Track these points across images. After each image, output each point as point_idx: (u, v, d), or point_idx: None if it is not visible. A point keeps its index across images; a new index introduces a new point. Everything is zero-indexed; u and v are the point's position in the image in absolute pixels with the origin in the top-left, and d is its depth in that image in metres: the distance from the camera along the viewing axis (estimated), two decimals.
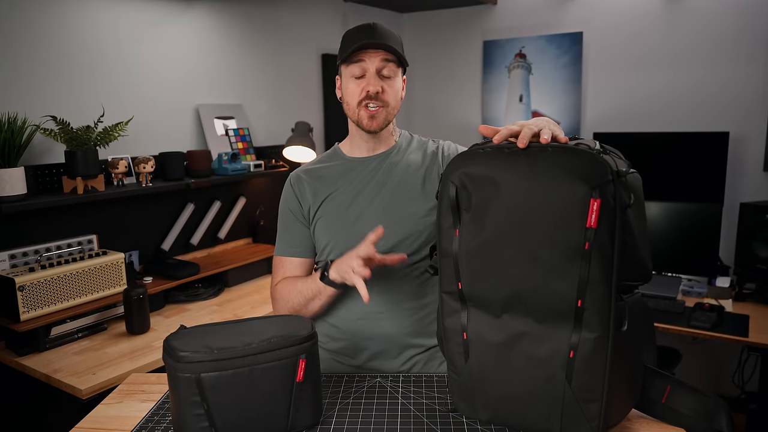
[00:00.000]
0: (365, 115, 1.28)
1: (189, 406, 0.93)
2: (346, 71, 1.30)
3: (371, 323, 1.29)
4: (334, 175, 1.35)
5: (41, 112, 2.06)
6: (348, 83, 1.30)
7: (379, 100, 1.27)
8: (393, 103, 1.30)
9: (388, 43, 1.25)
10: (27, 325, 1.82)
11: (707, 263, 2.64)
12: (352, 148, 1.39)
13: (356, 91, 1.28)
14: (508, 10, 3.57)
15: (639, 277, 0.93)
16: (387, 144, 1.37)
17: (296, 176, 1.38)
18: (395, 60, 1.28)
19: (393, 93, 1.29)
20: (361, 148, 1.37)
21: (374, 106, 1.27)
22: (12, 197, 1.85)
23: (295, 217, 1.36)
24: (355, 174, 1.34)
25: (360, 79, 1.28)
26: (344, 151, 1.40)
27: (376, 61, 1.26)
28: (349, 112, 1.32)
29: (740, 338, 2.17)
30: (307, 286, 1.28)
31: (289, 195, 1.38)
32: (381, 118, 1.29)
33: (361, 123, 1.30)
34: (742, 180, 2.92)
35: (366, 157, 1.36)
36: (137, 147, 2.39)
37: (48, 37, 2.09)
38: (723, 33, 2.92)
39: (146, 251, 2.44)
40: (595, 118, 3.35)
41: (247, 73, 2.90)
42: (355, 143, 1.38)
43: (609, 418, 0.92)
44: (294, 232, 1.36)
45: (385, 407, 1.08)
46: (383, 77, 1.27)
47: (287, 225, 1.38)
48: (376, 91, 1.26)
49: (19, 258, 1.96)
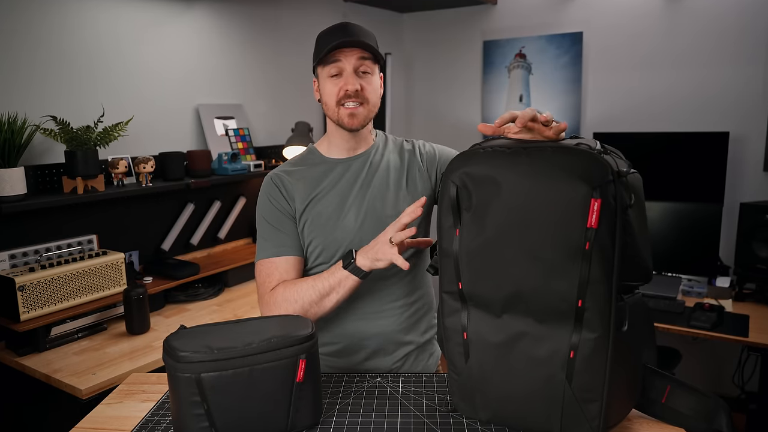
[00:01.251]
0: (345, 113, 1.27)
1: (189, 406, 0.93)
2: (322, 72, 1.29)
3: (369, 323, 1.30)
4: (317, 176, 1.33)
5: (41, 112, 2.06)
6: (325, 84, 1.29)
7: (358, 97, 1.27)
8: (372, 100, 1.30)
9: (363, 40, 1.24)
10: (27, 325, 1.81)
11: (707, 263, 2.64)
12: (330, 149, 1.37)
13: (334, 91, 1.27)
14: (508, 10, 3.57)
15: (639, 278, 0.93)
16: (366, 143, 1.37)
17: (277, 176, 1.34)
18: (371, 57, 1.28)
19: (372, 90, 1.29)
20: (340, 148, 1.35)
21: (353, 103, 1.27)
22: (12, 197, 1.85)
23: (284, 214, 1.31)
24: (337, 175, 1.33)
25: (337, 77, 1.27)
26: (321, 151, 1.38)
27: (353, 59, 1.25)
28: (329, 112, 1.31)
29: (740, 338, 2.17)
30: (323, 279, 1.21)
31: (275, 193, 1.32)
32: (361, 116, 1.28)
33: (341, 122, 1.29)
34: (742, 180, 2.92)
35: (347, 158, 1.35)
36: (137, 147, 2.39)
37: (48, 37, 2.09)
38: (723, 33, 2.92)
39: (146, 251, 2.44)
40: (595, 118, 3.35)
41: (247, 73, 2.90)
42: (334, 143, 1.36)
43: (609, 418, 0.92)
44: (285, 230, 1.30)
45: (385, 407, 1.08)
46: (360, 75, 1.27)
47: (276, 224, 1.30)
48: (355, 89, 1.25)
49: (19, 258, 1.96)
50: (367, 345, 1.30)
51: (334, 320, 1.31)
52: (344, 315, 1.30)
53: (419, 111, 3.98)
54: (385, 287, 1.30)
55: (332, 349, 1.33)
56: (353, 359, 1.32)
